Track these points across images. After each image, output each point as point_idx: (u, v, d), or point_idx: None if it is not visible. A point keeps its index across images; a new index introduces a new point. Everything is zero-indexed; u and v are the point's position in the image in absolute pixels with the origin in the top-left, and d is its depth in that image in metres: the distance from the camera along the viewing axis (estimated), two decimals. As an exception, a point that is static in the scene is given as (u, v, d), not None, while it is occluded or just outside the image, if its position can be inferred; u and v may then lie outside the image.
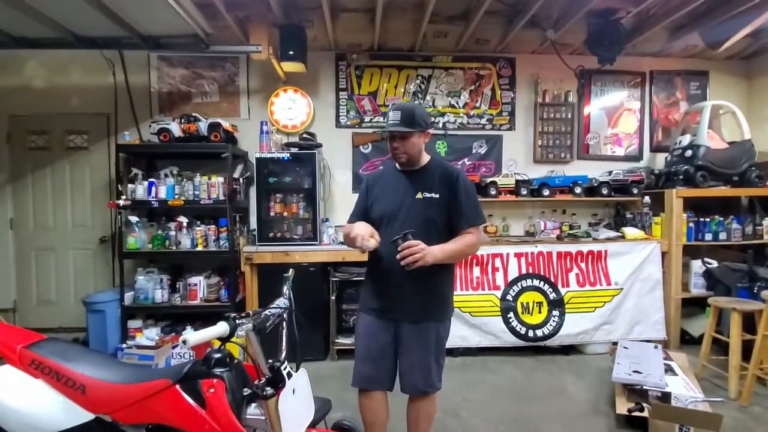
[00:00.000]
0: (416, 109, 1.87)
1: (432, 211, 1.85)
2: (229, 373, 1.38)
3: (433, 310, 1.91)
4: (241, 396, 1.39)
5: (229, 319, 1.27)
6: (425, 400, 1.95)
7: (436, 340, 1.92)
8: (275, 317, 1.47)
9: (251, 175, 4.02)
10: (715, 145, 3.93)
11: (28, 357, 1.48)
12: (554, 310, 3.69)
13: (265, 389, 1.33)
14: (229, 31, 3.61)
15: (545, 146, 4.40)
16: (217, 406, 1.31)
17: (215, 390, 1.33)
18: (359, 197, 2.08)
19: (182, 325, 3.74)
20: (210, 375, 1.36)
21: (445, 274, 1.92)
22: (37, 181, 4.08)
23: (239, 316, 1.30)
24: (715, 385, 3.07)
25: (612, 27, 3.64)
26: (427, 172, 1.92)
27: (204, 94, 4.18)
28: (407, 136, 1.82)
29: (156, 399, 1.37)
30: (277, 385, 1.36)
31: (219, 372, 1.36)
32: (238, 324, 1.28)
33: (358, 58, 4.24)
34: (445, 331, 1.97)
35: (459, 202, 1.85)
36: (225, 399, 1.32)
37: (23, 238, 4.11)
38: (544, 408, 2.84)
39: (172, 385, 1.36)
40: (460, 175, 1.91)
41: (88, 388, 1.42)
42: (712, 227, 3.90)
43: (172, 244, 3.64)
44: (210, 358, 1.39)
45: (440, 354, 1.95)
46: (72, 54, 3.73)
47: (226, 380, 1.35)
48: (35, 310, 4.13)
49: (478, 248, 1.96)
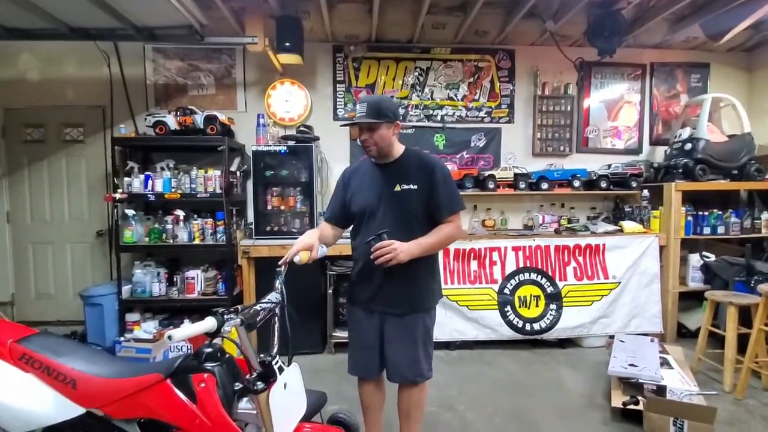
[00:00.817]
0: (383, 101, 1.87)
1: (411, 202, 1.85)
2: (220, 368, 1.38)
3: (417, 301, 1.91)
4: (232, 390, 1.39)
5: (217, 314, 1.26)
6: (415, 388, 1.97)
7: (423, 330, 1.93)
8: (266, 312, 1.46)
9: (248, 168, 4.00)
10: (714, 138, 3.90)
11: (19, 351, 1.47)
12: (551, 304, 3.69)
13: (255, 384, 1.33)
14: (224, 23, 3.57)
15: (544, 139, 4.37)
16: (207, 401, 1.31)
17: (206, 384, 1.33)
18: (335, 192, 2.08)
19: (180, 318, 3.75)
20: (201, 369, 1.36)
21: (425, 264, 1.91)
22: (34, 175, 4.07)
23: (227, 311, 1.29)
24: (711, 378, 3.08)
25: (612, 18, 3.59)
26: (404, 164, 1.91)
27: (200, 87, 4.14)
28: (375, 127, 1.81)
29: (147, 393, 1.36)
30: (268, 379, 1.35)
31: (210, 366, 1.36)
32: (226, 319, 1.27)
33: (355, 50, 4.20)
34: (431, 320, 1.98)
35: (438, 192, 1.84)
36: (216, 393, 1.32)
37: (20, 231, 4.11)
38: (541, 401, 2.85)
39: (164, 380, 1.36)
40: (437, 164, 1.90)
41: (78, 382, 1.42)
42: (711, 221, 3.88)
43: (169, 238, 3.63)
44: (201, 352, 1.39)
45: (428, 343, 1.98)
46: (66, 46, 3.70)
47: (216, 375, 1.35)
48: (33, 304, 4.14)
49: (459, 237, 1.96)
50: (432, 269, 2.00)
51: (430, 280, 1.97)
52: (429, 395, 2.86)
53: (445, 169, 1.91)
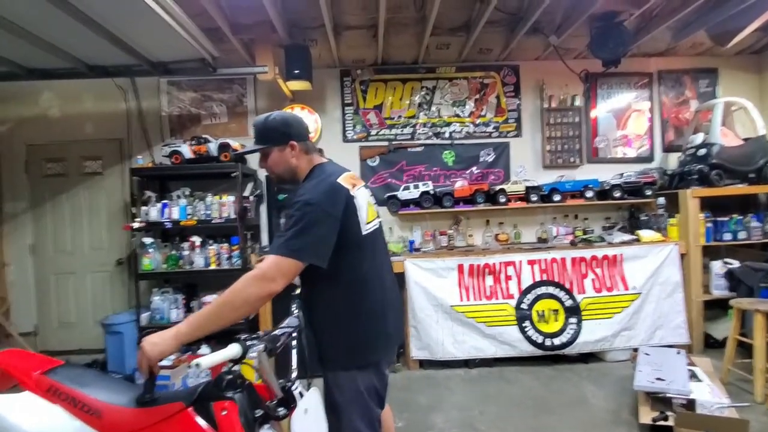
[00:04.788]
0: (268, 121, 1.59)
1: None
2: (241, 395, 1.38)
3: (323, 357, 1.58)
4: (253, 417, 1.39)
5: (241, 340, 1.27)
6: None
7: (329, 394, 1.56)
8: (285, 337, 1.47)
9: (261, 192, 4.07)
10: (728, 142, 3.85)
11: (46, 383, 1.50)
12: (571, 318, 3.62)
13: (277, 410, 1.33)
14: (235, 54, 3.70)
15: (554, 151, 4.37)
16: (229, 429, 1.31)
17: (228, 412, 1.33)
18: None
19: (197, 344, 3.76)
20: (222, 397, 1.36)
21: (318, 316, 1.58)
22: (55, 207, 4.20)
23: (250, 337, 1.31)
24: (741, 389, 2.96)
25: (615, 29, 3.62)
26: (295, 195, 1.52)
27: (213, 116, 4.27)
28: (266, 152, 1.60)
29: (170, 422, 1.37)
30: (289, 405, 1.35)
31: (231, 394, 1.36)
32: (250, 345, 1.28)
33: (362, 73, 4.29)
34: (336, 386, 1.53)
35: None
36: (237, 421, 1.32)
37: (43, 262, 4.22)
38: (564, 419, 2.77)
39: (185, 408, 1.37)
40: (300, 197, 1.44)
41: (103, 413, 1.43)
42: (731, 226, 3.80)
43: (185, 264, 3.69)
44: (221, 379, 1.39)
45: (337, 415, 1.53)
46: (85, 83, 3.85)
47: (238, 402, 1.35)
48: (56, 333, 4.21)
49: (262, 291, 1.33)
50: (326, 320, 1.56)
51: (329, 334, 1.56)
52: (449, 416, 2.84)
53: (300, 201, 1.43)
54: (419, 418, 2.86)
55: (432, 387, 3.33)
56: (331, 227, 1.43)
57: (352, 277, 1.52)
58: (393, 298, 1.66)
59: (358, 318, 1.53)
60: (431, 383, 3.40)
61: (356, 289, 1.53)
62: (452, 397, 3.14)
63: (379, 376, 1.58)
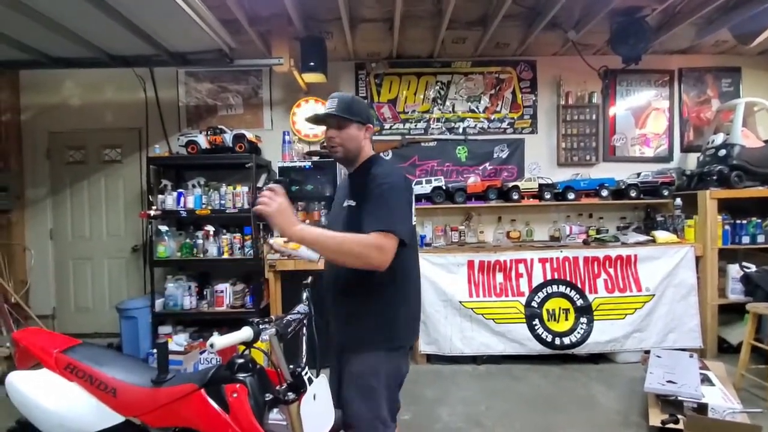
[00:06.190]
0: (356, 100, 1.68)
1: (351, 222, 1.53)
2: (252, 379, 1.41)
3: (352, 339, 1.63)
4: (263, 401, 1.41)
5: (253, 324, 1.30)
6: None
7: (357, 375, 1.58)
8: (296, 323, 1.49)
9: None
10: (750, 143, 3.76)
11: (64, 361, 1.55)
12: (582, 317, 3.59)
13: (287, 394, 1.35)
14: (252, 46, 3.72)
15: (569, 149, 4.32)
16: (240, 411, 1.34)
17: (238, 395, 1.36)
18: None
19: (209, 331, 3.84)
20: (233, 380, 1.39)
21: (358, 294, 1.57)
22: (75, 194, 4.30)
23: (262, 321, 1.33)
24: (755, 396, 2.91)
25: (637, 25, 3.55)
26: (361, 174, 1.62)
27: (229, 107, 4.32)
28: (344, 125, 1.61)
29: (182, 403, 1.41)
30: (298, 390, 1.37)
31: (242, 377, 1.39)
32: (262, 329, 1.31)
33: (377, 66, 4.29)
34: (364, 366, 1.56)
35: (366, 207, 1.49)
36: (248, 404, 1.35)
37: (62, 247, 4.33)
38: (572, 418, 2.75)
39: (198, 390, 1.40)
40: (379, 175, 1.53)
41: (119, 391, 1.48)
42: (750, 229, 3.71)
43: (199, 252, 3.75)
44: (233, 363, 1.42)
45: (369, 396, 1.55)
46: (106, 72, 3.93)
47: (248, 385, 1.38)
48: (73, 317, 4.33)
49: (372, 259, 1.40)
50: (374, 300, 1.58)
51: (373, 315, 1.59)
52: (455, 410, 2.85)
53: (387, 183, 1.50)
54: (425, 411, 2.88)
55: (439, 381, 3.34)
56: (411, 211, 1.57)
57: (404, 263, 1.58)
58: (420, 286, 1.78)
59: (405, 302, 1.63)
60: (438, 378, 3.41)
61: (405, 274, 1.62)
62: (459, 392, 3.14)
63: (406, 361, 1.67)
